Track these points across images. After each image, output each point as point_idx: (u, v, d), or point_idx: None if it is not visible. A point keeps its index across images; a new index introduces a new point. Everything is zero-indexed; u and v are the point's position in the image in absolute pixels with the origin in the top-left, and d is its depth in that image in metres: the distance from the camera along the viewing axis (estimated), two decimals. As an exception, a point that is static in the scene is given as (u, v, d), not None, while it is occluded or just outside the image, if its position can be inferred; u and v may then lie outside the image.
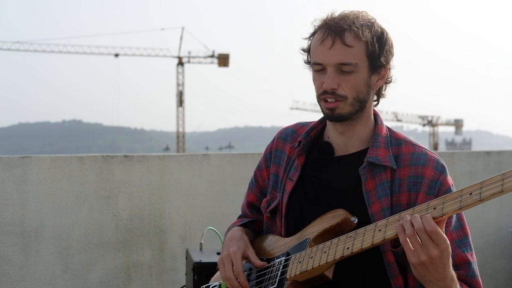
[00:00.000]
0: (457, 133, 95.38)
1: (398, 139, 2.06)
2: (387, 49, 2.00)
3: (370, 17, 2.01)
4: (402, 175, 1.98)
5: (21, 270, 4.18)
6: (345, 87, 1.96)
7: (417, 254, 1.69)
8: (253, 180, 2.29)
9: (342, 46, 1.94)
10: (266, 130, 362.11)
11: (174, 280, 4.41)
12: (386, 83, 2.06)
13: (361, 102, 2.00)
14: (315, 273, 1.88)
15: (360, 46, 1.95)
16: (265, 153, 2.25)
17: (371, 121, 2.08)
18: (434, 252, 1.68)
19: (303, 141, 2.11)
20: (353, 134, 2.05)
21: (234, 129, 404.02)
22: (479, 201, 1.59)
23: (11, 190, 4.18)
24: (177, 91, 72.11)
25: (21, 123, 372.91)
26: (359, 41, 1.95)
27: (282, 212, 2.11)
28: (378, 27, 2.00)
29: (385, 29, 2.02)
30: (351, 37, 1.94)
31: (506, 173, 1.54)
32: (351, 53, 1.94)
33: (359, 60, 1.95)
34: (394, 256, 1.94)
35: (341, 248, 1.82)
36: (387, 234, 1.74)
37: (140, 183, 4.41)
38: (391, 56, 2.02)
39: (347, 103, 1.97)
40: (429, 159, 1.99)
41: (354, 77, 1.96)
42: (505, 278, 5.03)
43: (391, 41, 2.02)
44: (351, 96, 1.97)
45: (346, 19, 1.96)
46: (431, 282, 1.74)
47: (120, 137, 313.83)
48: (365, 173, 1.98)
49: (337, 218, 1.92)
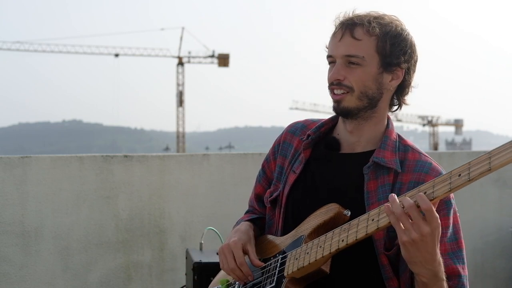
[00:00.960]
0: (457, 133, 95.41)
1: (406, 145, 2.07)
2: (402, 49, 2.00)
3: (395, 18, 2.03)
4: (404, 179, 1.98)
5: (21, 270, 4.18)
6: (351, 79, 1.98)
7: (408, 232, 1.68)
8: (261, 172, 2.29)
9: (350, 38, 1.97)
10: (266, 130, 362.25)
11: (174, 280, 4.41)
12: (405, 87, 2.05)
13: (370, 99, 2.00)
14: (312, 268, 1.88)
15: (369, 41, 1.97)
16: (274, 145, 2.26)
17: (382, 123, 2.08)
18: (425, 229, 1.67)
19: (312, 135, 2.12)
20: (362, 134, 2.06)
21: (234, 129, 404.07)
22: (468, 181, 1.60)
23: (11, 190, 4.18)
24: (177, 91, 72.13)
25: (21, 123, 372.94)
26: (369, 36, 1.97)
27: (282, 203, 2.12)
28: (397, 27, 2.00)
29: (407, 31, 2.02)
30: (361, 31, 1.97)
31: (492, 151, 1.56)
32: (358, 46, 1.96)
33: (366, 54, 1.97)
34: (388, 259, 1.95)
35: (336, 241, 1.83)
36: (381, 223, 1.74)
37: (140, 183, 4.42)
38: (408, 58, 2.01)
39: (353, 95, 1.98)
40: (433, 168, 2.00)
41: (362, 70, 1.97)
42: (505, 278, 5.03)
43: (410, 42, 2.02)
44: (357, 89, 1.98)
45: (362, 16, 2.00)
46: (420, 263, 1.73)
47: (120, 137, 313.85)
48: (368, 172, 1.99)
49: (330, 212, 1.93)
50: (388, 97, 2.05)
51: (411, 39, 2.03)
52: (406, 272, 1.93)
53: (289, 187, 2.11)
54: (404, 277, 1.94)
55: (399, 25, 2.02)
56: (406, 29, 2.03)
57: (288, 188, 2.11)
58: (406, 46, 2.01)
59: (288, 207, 2.11)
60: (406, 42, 2.01)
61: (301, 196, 2.09)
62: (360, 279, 1.99)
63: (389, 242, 1.94)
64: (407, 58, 2.01)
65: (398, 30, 2.00)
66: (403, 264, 1.93)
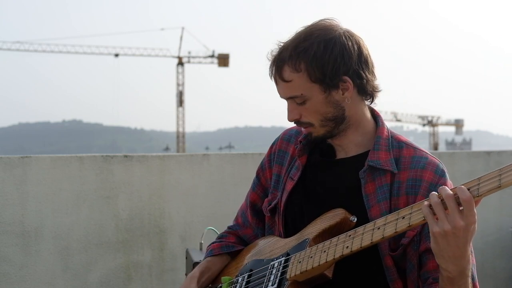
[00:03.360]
0: (457, 133, 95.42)
1: (400, 141, 2.04)
2: (335, 63, 1.91)
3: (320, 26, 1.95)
4: (402, 178, 1.97)
5: (21, 270, 4.18)
6: (307, 115, 1.98)
7: (441, 223, 1.62)
8: (255, 180, 2.28)
9: (282, 83, 1.96)
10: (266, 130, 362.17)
11: (174, 280, 4.41)
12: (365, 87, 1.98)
13: (333, 120, 1.98)
14: (315, 273, 1.88)
15: (299, 77, 1.93)
16: (269, 153, 2.25)
17: (367, 124, 2.05)
18: (459, 222, 1.60)
19: (303, 140, 2.11)
20: (349, 141, 2.05)
21: (234, 129, 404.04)
22: (477, 197, 1.59)
23: (11, 190, 4.18)
24: (177, 91, 72.12)
25: (21, 123, 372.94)
26: (297, 73, 1.93)
27: (281, 210, 2.12)
28: (320, 44, 1.91)
29: (334, 39, 1.92)
30: (289, 71, 1.93)
31: (503, 168, 1.54)
32: (292, 87, 1.95)
33: (303, 90, 1.94)
34: (392, 260, 1.94)
35: (341, 247, 1.82)
36: (386, 232, 1.73)
37: (140, 183, 4.42)
38: (346, 65, 1.92)
39: (316, 127, 1.99)
40: (429, 163, 1.97)
41: (309, 104, 1.96)
42: (505, 278, 5.03)
43: (339, 51, 1.91)
44: (317, 121, 1.98)
45: (286, 49, 1.94)
46: (449, 258, 1.66)
47: (120, 137, 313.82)
48: (365, 176, 1.98)
49: (336, 217, 1.93)
50: (353, 104, 1.99)
51: (340, 45, 1.92)
52: (414, 271, 1.92)
53: (287, 193, 2.11)
54: (412, 277, 1.93)
55: (323, 37, 1.92)
56: (332, 35, 1.92)
57: (287, 194, 2.11)
58: (336, 59, 1.91)
59: (287, 213, 2.11)
60: (335, 55, 1.91)
61: (300, 202, 2.08)
62: (364, 281, 1.99)
63: (394, 243, 1.93)
64: (344, 67, 1.93)
65: (321, 48, 1.90)
66: (410, 264, 1.93)
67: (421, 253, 1.92)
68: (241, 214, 2.34)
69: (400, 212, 1.74)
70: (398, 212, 1.74)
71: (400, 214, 1.73)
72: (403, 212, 1.73)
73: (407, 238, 1.91)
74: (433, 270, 1.87)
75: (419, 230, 1.91)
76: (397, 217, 1.73)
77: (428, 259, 1.89)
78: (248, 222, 2.30)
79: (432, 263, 1.87)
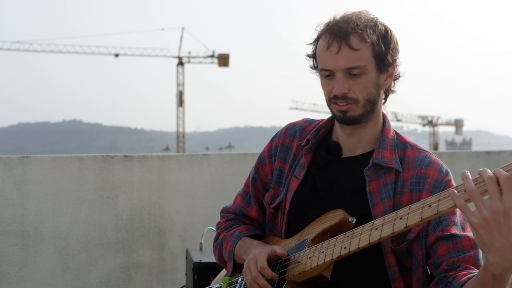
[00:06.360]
0: (457, 133, 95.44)
1: (404, 142, 2.07)
2: (393, 47, 2.00)
3: (372, 16, 2.01)
4: (406, 176, 1.98)
5: (21, 270, 4.18)
6: (355, 90, 1.96)
7: (478, 212, 1.52)
8: (255, 176, 2.25)
9: (348, 50, 1.93)
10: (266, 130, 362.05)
11: (174, 280, 4.41)
12: (394, 79, 2.06)
13: (372, 103, 2.00)
14: (313, 273, 1.88)
15: (366, 48, 1.95)
16: (269, 147, 2.24)
17: (380, 123, 2.08)
18: (498, 205, 1.50)
19: (312, 139, 2.11)
20: (361, 137, 2.05)
21: (234, 129, 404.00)
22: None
23: (11, 190, 4.18)
24: (177, 91, 72.12)
25: (21, 123, 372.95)
26: (364, 43, 1.94)
27: (285, 209, 2.11)
28: (381, 25, 1.99)
29: (388, 27, 2.01)
30: (357, 40, 1.94)
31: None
32: (358, 56, 1.94)
33: (366, 62, 1.95)
34: (395, 258, 1.94)
35: (339, 247, 1.82)
36: (383, 233, 1.74)
37: (140, 183, 4.42)
38: (397, 53, 2.02)
39: (358, 105, 1.97)
40: (434, 162, 2.00)
41: (364, 79, 1.96)
42: None
43: (395, 38, 2.01)
44: (362, 98, 1.97)
45: (349, 22, 1.95)
46: (497, 251, 1.53)
47: (120, 137, 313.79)
48: (370, 174, 1.99)
49: (335, 218, 1.93)
50: (382, 94, 2.05)
51: (392, 33, 2.02)
52: (420, 267, 1.92)
53: (292, 193, 2.10)
54: (417, 273, 1.93)
55: (380, 22, 2.00)
56: (384, 23, 2.01)
57: (292, 193, 2.10)
58: (394, 42, 2.00)
59: (291, 213, 2.10)
60: (393, 39, 2.00)
61: (304, 201, 2.08)
62: (365, 280, 1.99)
63: (398, 239, 1.93)
64: (397, 53, 2.02)
65: (383, 28, 1.99)
66: (416, 259, 1.93)
67: (430, 245, 1.89)
68: (236, 211, 2.30)
69: (398, 213, 1.74)
70: (396, 212, 1.75)
71: (398, 215, 1.73)
72: (401, 212, 1.73)
73: (413, 233, 1.91)
74: (445, 254, 1.85)
75: (425, 225, 1.91)
76: (394, 217, 1.74)
77: (439, 246, 1.87)
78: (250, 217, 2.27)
79: (443, 247, 1.86)
